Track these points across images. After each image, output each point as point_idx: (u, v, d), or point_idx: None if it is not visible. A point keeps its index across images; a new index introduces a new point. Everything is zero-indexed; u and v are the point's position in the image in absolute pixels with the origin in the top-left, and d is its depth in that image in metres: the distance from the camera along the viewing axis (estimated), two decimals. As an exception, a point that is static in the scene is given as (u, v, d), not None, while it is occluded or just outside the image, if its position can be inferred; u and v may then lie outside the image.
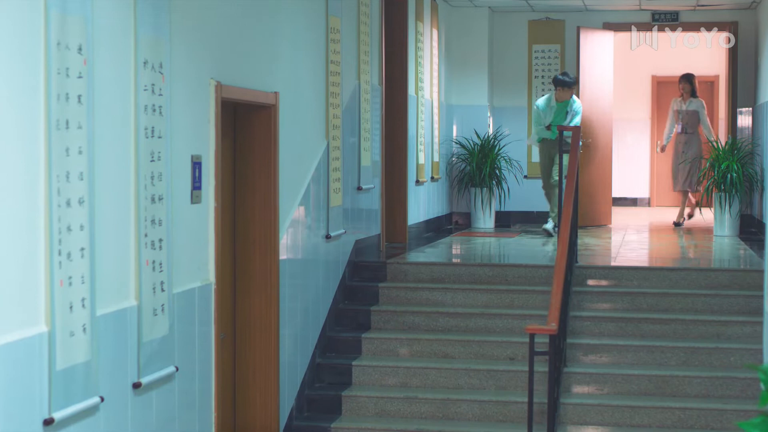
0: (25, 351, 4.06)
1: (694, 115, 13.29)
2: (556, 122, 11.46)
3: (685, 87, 13.36)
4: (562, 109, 11.55)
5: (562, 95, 11.51)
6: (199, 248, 5.74)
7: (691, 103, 13.35)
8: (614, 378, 7.58)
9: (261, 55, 6.64)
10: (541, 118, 11.63)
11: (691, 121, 13.28)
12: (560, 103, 11.55)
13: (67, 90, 4.31)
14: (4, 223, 3.91)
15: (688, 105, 13.35)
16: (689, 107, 13.32)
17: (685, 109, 13.31)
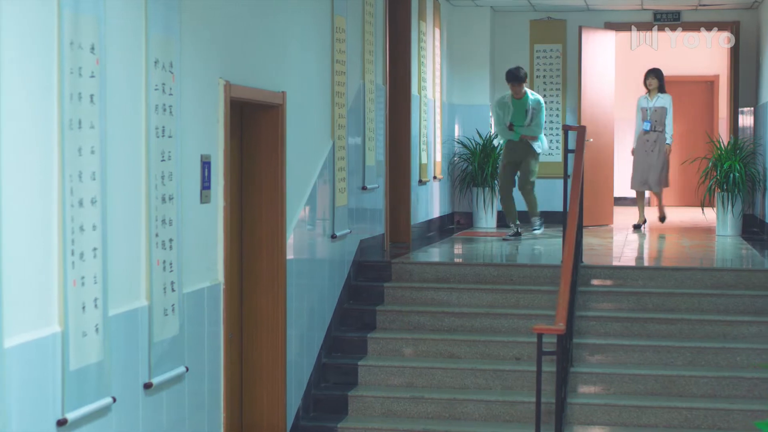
0: (39, 351, 4.04)
1: (662, 111, 12.70)
2: (518, 122, 11.11)
3: (653, 82, 12.71)
4: (521, 107, 11.13)
5: (517, 91, 11.07)
6: (208, 248, 5.72)
7: (658, 99, 12.71)
8: (621, 378, 7.57)
9: (268, 55, 6.63)
10: (501, 118, 11.22)
11: (660, 119, 12.69)
12: (518, 101, 11.13)
13: (80, 90, 4.29)
14: (20, 223, 3.89)
15: (656, 101, 12.71)
16: (657, 104, 12.70)
17: (653, 106, 12.68)
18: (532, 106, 11.08)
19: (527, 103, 11.08)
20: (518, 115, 11.09)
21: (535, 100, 11.12)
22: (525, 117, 11.05)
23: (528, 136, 11.20)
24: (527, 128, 11.16)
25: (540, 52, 14.03)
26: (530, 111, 11.06)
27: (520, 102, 11.10)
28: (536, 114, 11.10)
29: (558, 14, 13.98)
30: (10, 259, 3.79)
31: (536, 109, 11.10)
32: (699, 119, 18.20)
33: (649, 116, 12.57)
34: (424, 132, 11.47)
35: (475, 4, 13.46)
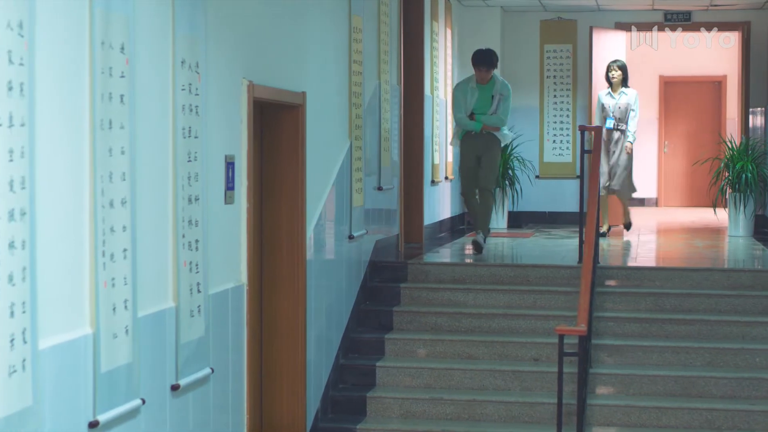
0: (72, 353, 4.02)
1: (625, 108, 11.39)
2: (481, 110, 9.61)
3: (616, 75, 11.38)
4: (487, 93, 9.63)
5: (484, 76, 9.59)
6: (232, 249, 5.70)
7: (622, 95, 11.40)
8: (640, 379, 7.55)
9: (289, 55, 6.60)
10: (461, 104, 9.64)
11: (624, 116, 11.38)
12: (483, 86, 9.62)
13: (110, 90, 4.27)
14: (53, 224, 3.87)
15: (619, 97, 11.39)
16: (620, 100, 11.37)
17: (617, 103, 11.37)
18: (500, 92, 9.60)
19: (494, 89, 9.61)
20: (482, 102, 9.60)
21: (504, 85, 9.68)
22: (490, 104, 9.58)
23: (491, 126, 9.62)
24: (491, 117, 9.59)
25: (550, 52, 14.02)
26: (497, 98, 9.58)
27: (485, 87, 9.62)
28: (503, 101, 9.60)
29: (568, 14, 13.96)
30: (43, 260, 3.77)
31: (504, 95, 9.60)
32: (706, 119, 18.19)
33: (611, 113, 11.34)
34: (437, 132, 11.45)
35: (486, 4, 13.44)
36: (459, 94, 9.67)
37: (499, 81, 9.67)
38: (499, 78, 9.74)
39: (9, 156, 3.54)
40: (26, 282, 3.64)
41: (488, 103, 9.57)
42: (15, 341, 3.58)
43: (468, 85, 9.65)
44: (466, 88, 9.65)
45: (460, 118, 9.61)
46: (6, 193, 3.52)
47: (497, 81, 9.63)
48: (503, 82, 9.70)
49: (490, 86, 9.61)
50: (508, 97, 9.61)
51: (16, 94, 3.57)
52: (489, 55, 9.61)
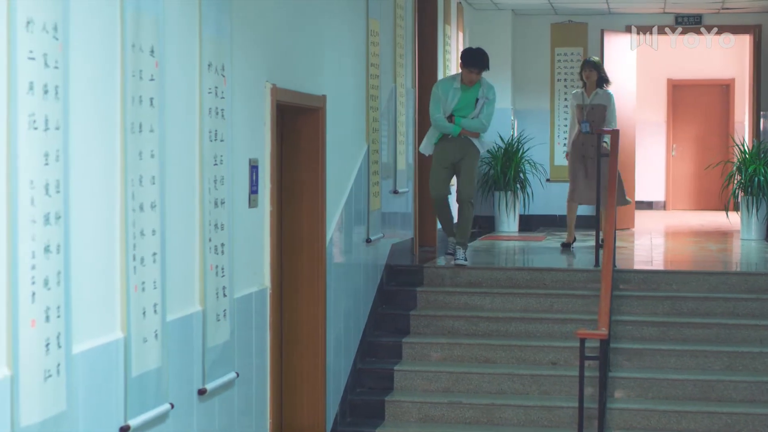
0: (104, 357, 4.00)
1: (601, 110, 10.45)
2: (461, 113, 8.73)
3: (590, 75, 10.49)
4: (471, 95, 8.72)
5: (473, 78, 8.66)
6: (256, 253, 5.68)
7: (596, 96, 10.48)
8: (659, 383, 7.52)
9: (309, 58, 6.58)
10: (440, 104, 8.71)
11: (598, 119, 10.40)
12: (468, 87, 8.73)
13: (141, 93, 4.25)
14: (87, 228, 3.85)
15: (593, 98, 10.48)
16: (594, 101, 10.47)
17: (590, 104, 10.46)
18: (485, 95, 8.70)
19: (479, 91, 8.71)
20: (464, 103, 8.68)
21: (490, 88, 8.78)
22: (473, 108, 8.68)
23: (471, 131, 8.73)
24: (472, 121, 8.70)
25: (561, 56, 14.00)
26: (481, 101, 8.68)
27: (469, 89, 8.71)
28: (487, 105, 8.70)
29: (579, 17, 13.94)
30: (77, 264, 3.75)
31: (489, 99, 8.72)
32: (714, 122, 18.16)
33: (585, 115, 10.44)
34: (449, 135, 11.40)
35: (497, 8, 13.42)
36: (440, 93, 8.70)
37: (486, 83, 8.77)
38: (486, 80, 8.83)
39: (45, 159, 3.52)
40: (61, 286, 3.63)
41: (471, 106, 8.67)
42: (50, 346, 3.56)
43: (452, 85, 8.71)
44: (449, 87, 8.70)
45: (438, 118, 8.66)
46: (42, 196, 3.50)
47: (483, 83, 8.73)
48: (489, 85, 8.81)
49: (475, 88, 8.69)
50: (492, 101, 8.75)
51: (51, 97, 3.56)
52: (481, 56, 8.62)
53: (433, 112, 8.73)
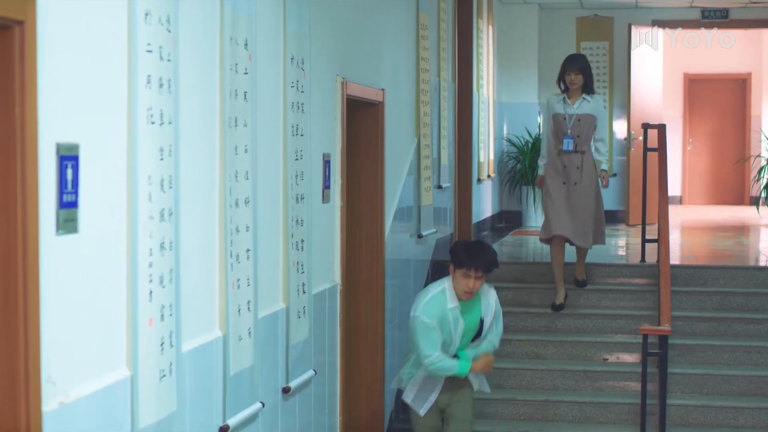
0: (205, 356, 3.93)
1: (589, 122, 7.88)
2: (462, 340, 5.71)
3: (576, 79, 7.89)
4: (474, 313, 5.72)
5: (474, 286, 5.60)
6: (328, 248, 5.62)
7: (583, 103, 7.91)
8: (714, 379, 7.47)
9: (370, 52, 6.52)
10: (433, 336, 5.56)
11: (585, 133, 7.88)
12: (467, 303, 5.66)
13: (236, 87, 4.18)
14: (192, 224, 3.78)
15: (579, 106, 7.89)
16: (581, 109, 7.90)
17: (576, 113, 7.88)
18: (495, 308, 5.83)
19: (483, 304, 5.75)
20: (467, 327, 5.70)
21: (492, 294, 5.82)
22: (475, 330, 5.73)
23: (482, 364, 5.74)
24: (480, 347, 5.79)
25: (587, 50, 13.92)
26: (489, 318, 5.78)
27: (469, 304, 5.68)
28: (497, 320, 5.87)
29: (605, 11, 13.87)
30: (186, 261, 3.69)
31: (498, 311, 5.87)
32: (731, 117, 18.11)
33: (569, 128, 7.86)
34: (482, 130, 11.36)
35: (524, 1, 13.35)
36: (430, 322, 5.54)
37: (486, 289, 5.79)
38: (486, 285, 5.78)
39: (160, 154, 3.46)
40: (173, 284, 3.57)
41: (474, 328, 5.72)
42: (164, 345, 3.50)
43: (446, 305, 5.58)
44: (443, 305, 5.58)
45: (435, 360, 5.56)
46: (158, 192, 3.44)
47: (484, 291, 5.76)
48: (492, 290, 5.87)
49: (475, 303, 5.70)
50: (500, 309, 5.91)
51: (165, 91, 3.49)
52: (483, 251, 5.67)
53: (425, 350, 5.53)
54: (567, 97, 7.93)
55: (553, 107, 7.97)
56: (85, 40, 3.04)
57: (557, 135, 7.91)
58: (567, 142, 7.84)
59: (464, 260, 5.56)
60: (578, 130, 7.85)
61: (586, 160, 7.87)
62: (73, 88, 2.98)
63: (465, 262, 5.55)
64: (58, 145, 2.91)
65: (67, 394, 2.96)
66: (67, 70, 2.95)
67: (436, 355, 5.57)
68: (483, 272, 5.57)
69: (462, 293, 5.58)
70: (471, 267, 5.53)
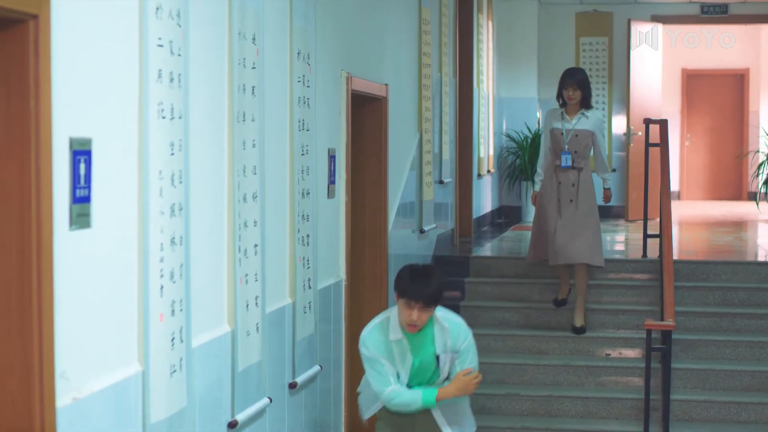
0: (214, 352, 3.92)
1: (587, 138, 7.67)
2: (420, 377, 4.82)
3: (575, 94, 7.63)
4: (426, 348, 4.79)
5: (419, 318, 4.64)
6: (333, 244, 5.61)
7: (582, 118, 7.71)
8: (716, 374, 7.46)
9: (373, 47, 6.51)
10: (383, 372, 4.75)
11: (583, 150, 7.68)
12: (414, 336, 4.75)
13: (244, 81, 4.17)
14: (201, 219, 3.77)
15: (577, 122, 7.71)
16: (579, 125, 7.69)
17: (573, 129, 7.67)
18: (459, 347, 4.84)
19: (438, 341, 4.78)
20: (418, 366, 4.79)
21: (456, 326, 4.83)
22: (434, 367, 4.80)
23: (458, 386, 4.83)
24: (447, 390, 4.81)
25: (586, 45, 13.92)
26: (447, 355, 4.80)
27: (422, 340, 4.78)
28: (463, 355, 4.85)
29: (604, 7, 13.86)
30: (195, 256, 3.68)
31: (463, 349, 4.85)
32: (728, 112, 18.11)
33: (566, 144, 7.72)
34: (482, 126, 11.35)
35: (523, -4, 13.34)
36: (369, 353, 4.73)
37: (453, 321, 4.82)
38: (445, 316, 4.81)
39: (171, 149, 3.45)
40: (183, 279, 3.56)
41: (431, 365, 4.77)
42: (175, 340, 3.49)
43: (388, 336, 4.72)
44: (385, 336, 4.72)
45: (388, 398, 4.74)
46: (168, 187, 3.43)
47: (438, 322, 4.75)
48: (455, 323, 4.82)
49: (427, 333, 4.74)
50: (470, 347, 4.89)
51: (175, 86, 3.48)
52: (432, 286, 4.63)
53: (375, 386, 4.73)
54: (565, 112, 7.74)
55: (551, 122, 7.77)
56: (97, 34, 3.03)
57: (555, 150, 7.71)
58: (565, 157, 7.65)
59: (405, 288, 4.62)
60: (576, 146, 7.65)
61: (583, 177, 7.66)
62: (85, 82, 2.97)
63: (405, 291, 4.62)
64: (71, 140, 2.90)
65: (80, 389, 2.95)
66: (80, 64, 2.93)
67: (390, 389, 4.67)
68: (425, 304, 4.59)
69: (405, 326, 4.63)
70: (411, 297, 4.60)
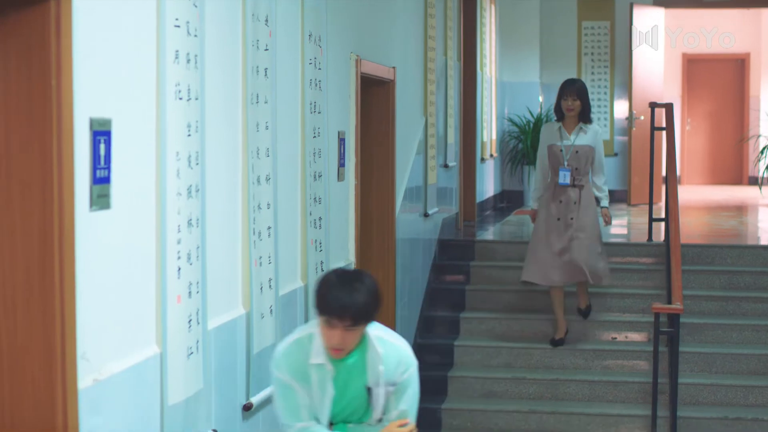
0: (229, 334, 3.92)
1: (587, 154, 7.27)
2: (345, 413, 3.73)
3: (574, 104, 7.22)
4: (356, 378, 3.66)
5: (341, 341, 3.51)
6: (342, 227, 5.59)
7: (580, 134, 7.27)
8: (723, 357, 7.46)
9: (382, 29, 6.49)
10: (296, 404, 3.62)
11: (583, 166, 7.27)
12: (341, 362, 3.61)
13: (258, 63, 4.15)
14: (216, 201, 3.75)
15: (577, 137, 7.27)
16: (579, 141, 7.27)
17: (573, 144, 7.26)
18: (397, 380, 3.69)
19: (371, 370, 3.65)
20: (342, 400, 3.70)
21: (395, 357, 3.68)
22: (366, 401, 3.70)
23: None
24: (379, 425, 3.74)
25: (588, 29, 13.88)
26: (381, 389, 3.66)
27: (351, 367, 3.66)
28: (400, 398, 3.71)
29: (606, -10, 13.82)
30: (211, 238, 3.66)
31: (404, 381, 3.71)
32: (728, 98, 18.09)
33: (565, 161, 7.29)
34: (485, 110, 11.33)
35: (525, -20, 13.30)
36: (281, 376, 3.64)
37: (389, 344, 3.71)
38: (381, 338, 3.71)
39: (188, 130, 3.43)
40: (199, 261, 3.54)
41: (356, 403, 3.72)
42: (191, 322, 3.48)
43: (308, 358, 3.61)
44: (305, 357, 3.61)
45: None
46: (185, 168, 3.41)
47: (375, 346, 3.66)
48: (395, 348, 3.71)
49: (359, 356, 3.65)
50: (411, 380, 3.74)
51: (192, 67, 3.46)
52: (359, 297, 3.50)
53: (283, 417, 3.68)
54: (563, 126, 7.30)
55: (549, 138, 7.35)
56: (116, 14, 3.01)
57: (553, 167, 7.32)
58: (564, 175, 7.24)
59: (325, 301, 3.44)
60: (576, 163, 7.25)
61: (585, 194, 7.29)
62: (104, 62, 2.95)
63: (325, 305, 3.44)
64: (91, 120, 2.88)
65: (101, 371, 2.94)
66: (98, 44, 2.92)
67: (300, 426, 3.59)
68: (352, 322, 3.45)
69: (329, 349, 3.53)
70: (333, 313, 3.43)
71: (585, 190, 7.30)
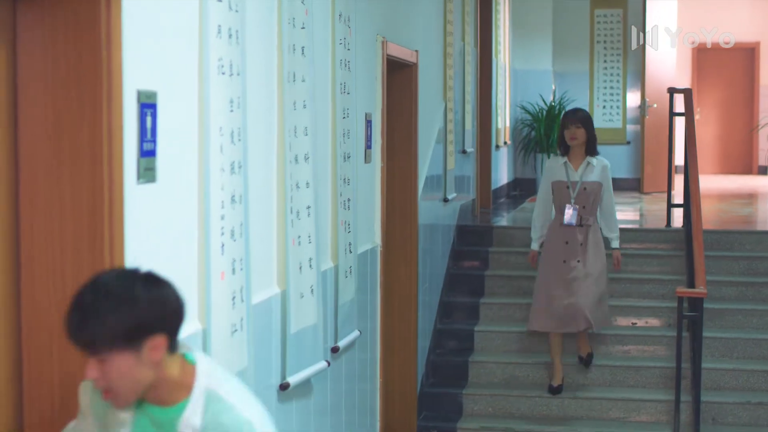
0: (265, 312, 3.89)
1: (595, 191, 6.80)
2: None
3: (579, 133, 6.75)
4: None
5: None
6: (369, 209, 5.57)
7: (588, 168, 6.79)
8: (744, 343, 7.45)
9: (406, 12, 6.46)
10: None
11: (591, 204, 6.81)
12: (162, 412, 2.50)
13: (294, 41, 4.13)
14: (255, 179, 3.72)
15: (584, 172, 6.78)
16: (587, 176, 6.78)
17: (581, 181, 6.78)
18: None
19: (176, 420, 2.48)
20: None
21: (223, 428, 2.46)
22: None
23: None
24: None
25: (600, 17, 13.84)
26: None
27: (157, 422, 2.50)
28: None
29: (619, -22, 13.79)
30: (252, 216, 3.64)
31: None
32: (738, 87, 18.03)
33: (573, 198, 6.79)
34: (500, 97, 11.30)
35: (538, -32, 13.26)
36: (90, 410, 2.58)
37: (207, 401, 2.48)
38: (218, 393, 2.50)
39: (230, 106, 3.41)
40: (243, 237, 3.52)
41: None
42: (235, 299, 3.46)
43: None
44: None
45: None
46: (228, 144, 3.39)
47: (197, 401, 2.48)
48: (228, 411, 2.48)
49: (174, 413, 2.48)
50: None
51: (234, 42, 3.44)
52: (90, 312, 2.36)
53: None
54: (568, 160, 6.82)
55: (553, 174, 6.86)
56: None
57: (558, 206, 6.85)
58: (570, 213, 6.76)
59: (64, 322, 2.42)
60: (584, 201, 6.75)
61: (592, 234, 6.80)
62: (149, 35, 2.93)
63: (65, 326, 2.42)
64: (138, 92, 2.86)
65: (149, 345, 2.91)
66: (144, 17, 2.89)
67: None
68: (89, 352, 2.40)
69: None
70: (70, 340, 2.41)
71: (593, 229, 6.82)
